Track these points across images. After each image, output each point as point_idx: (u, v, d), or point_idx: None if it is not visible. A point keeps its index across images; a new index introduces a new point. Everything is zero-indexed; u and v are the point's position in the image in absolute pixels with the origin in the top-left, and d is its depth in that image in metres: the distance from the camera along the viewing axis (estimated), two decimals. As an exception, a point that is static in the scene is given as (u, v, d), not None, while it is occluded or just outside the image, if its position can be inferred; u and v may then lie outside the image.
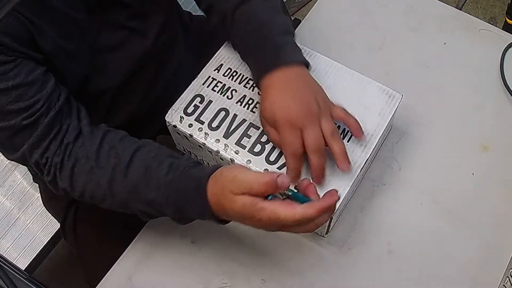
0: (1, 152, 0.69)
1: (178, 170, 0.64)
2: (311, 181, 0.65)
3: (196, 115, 0.73)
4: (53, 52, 0.66)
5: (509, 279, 0.70)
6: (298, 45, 0.73)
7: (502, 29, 0.93)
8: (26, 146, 0.64)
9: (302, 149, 0.65)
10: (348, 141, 0.70)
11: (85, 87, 0.74)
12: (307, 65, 0.71)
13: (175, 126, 0.73)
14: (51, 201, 0.98)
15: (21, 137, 0.64)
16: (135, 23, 0.77)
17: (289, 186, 0.57)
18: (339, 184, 0.67)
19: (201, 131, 0.72)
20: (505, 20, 1.53)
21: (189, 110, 0.73)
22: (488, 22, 0.93)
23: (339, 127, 0.71)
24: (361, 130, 0.69)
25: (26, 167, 1.04)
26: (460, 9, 1.15)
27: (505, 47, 0.88)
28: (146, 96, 0.86)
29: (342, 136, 0.71)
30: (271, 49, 0.70)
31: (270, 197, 0.57)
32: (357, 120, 0.69)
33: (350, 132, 0.70)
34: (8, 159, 0.69)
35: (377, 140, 0.71)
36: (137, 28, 0.78)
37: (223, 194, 0.58)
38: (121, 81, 0.79)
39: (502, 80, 0.85)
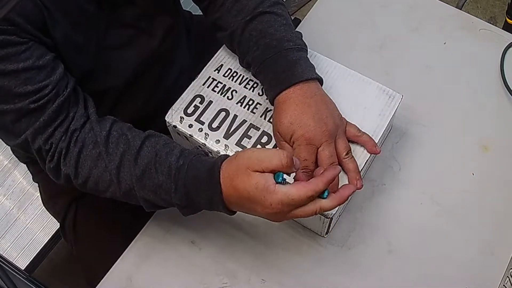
0: (1, 137, 0.69)
1: (190, 156, 0.64)
2: None
3: (196, 116, 0.73)
4: (62, 41, 0.66)
5: (509, 279, 0.70)
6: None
7: (502, 29, 0.93)
8: (30, 131, 0.63)
9: (314, 167, 0.66)
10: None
11: (89, 83, 0.74)
12: (320, 81, 0.71)
13: (175, 127, 0.73)
14: (50, 201, 0.98)
15: (26, 121, 0.63)
16: (142, 22, 0.77)
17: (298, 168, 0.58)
18: (339, 184, 0.67)
19: (201, 131, 0.72)
20: (505, 20, 1.52)
21: (189, 110, 0.73)
22: (488, 22, 0.93)
23: None
24: (376, 145, 0.69)
25: (26, 167, 1.04)
26: (460, 9, 1.15)
27: (505, 47, 0.88)
28: (151, 96, 0.86)
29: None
30: (285, 65, 0.69)
31: (280, 179, 0.57)
32: (370, 137, 0.70)
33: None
34: (8, 144, 0.68)
35: (377, 140, 0.71)
36: (145, 28, 0.78)
37: (237, 173, 0.58)
38: (126, 80, 0.79)
39: (502, 80, 0.85)
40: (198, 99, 0.74)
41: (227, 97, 0.74)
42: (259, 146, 0.70)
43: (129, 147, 0.64)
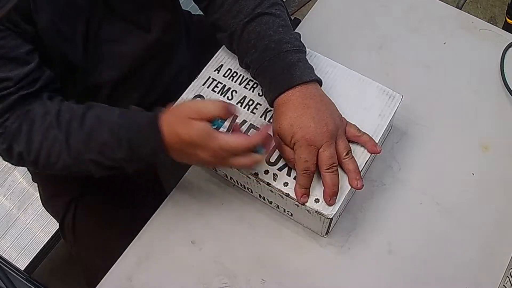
0: None
1: (130, 112, 0.67)
2: (323, 199, 0.67)
3: (196, 115, 0.73)
4: (46, 27, 0.66)
5: (509, 279, 0.70)
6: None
7: (502, 29, 0.93)
8: None
9: (314, 168, 0.66)
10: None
11: (82, 76, 0.74)
12: (320, 82, 0.71)
13: (175, 126, 0.73)
14: (49, 201, 0.98)
15: None
16: (139, 17, 0.77)
17: (234, 114, 0.64)
18: (340, 185, 0.67)
19: (201, 131, 0.72)
20: (505, 20, 1.52)
21: (189, 110, 0.73)
22: (488, 22, 0.93)
23: None
24: (376, 144, 0.70)
25: (26, 168, 1.04)
26: (460, 9, 1.15)
27: (505, 47, 0.88)
28: (147, 93, 0.86)
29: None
30: (284, 67, 0.69)
31: (215, 126, 0.62)
32: (370, 137, 0.70)
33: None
34: None
35: (377, 140, 0.71)
36: (141, 22, 0.78)
37: (178, 121, 0.62)
38: (121, 75, 0.79)
39: (502, 80, 0.85)
40: (198, 99, 0.74)
41: (227, 97, 0.74)
42: (259, 146, 0.70)
43: (74, 115, 0.67)
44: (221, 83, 0.75)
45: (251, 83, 0.75)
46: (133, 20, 0.77)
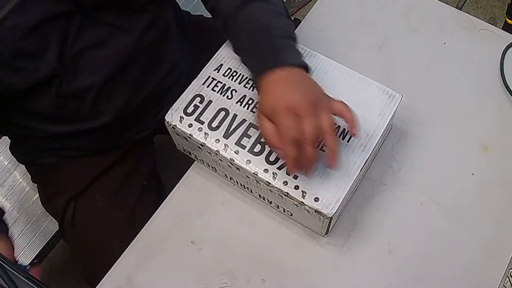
0: None
1: None
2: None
3: (196, 115, 0.73)
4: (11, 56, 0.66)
5: (509, 279, 0.70)
6: (300, 48, 0.72)
7: (502, 29, 0.93)
8: None
9: (301, 136, 0.62)
10: (348, 141, 0.70)
11: (65, 84, 0.74)
12: (308, 69, 0.71)
13: (174, 127, 0.73)
14: (48, 201, 0.99)
15: None
16: (118, 20, 0.77)
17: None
18: (339, 184, 0.67)
19: (201, 131, 0.72)
20: (505, 20, 1.52)
21: (189, 110, 0.73)
22: (488, 22, 0.93)
23: (339, 127, 0.71)
24: (356, 128, 0.67)
25: (25, 169, 1.04)
26: (460, 9, 1.15)
27: (505, 47, 0.88)
28: (134, 94, 0.85)
29: (342, 136, 0.71)
30: (270, 50, 0.70)
31: None
32: (355, 118, 0.67)
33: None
34: None
35: (377, 140, 0.71)
36: (121, 25, 0.77)
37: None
38: (106, 78, 0.79)
39: (502, 80, 0.85)
40: (198, 99, 0.74)
41: (227, 96, 0.74)
42: (258, 145, 0.70)
43: None
44: (221, 82, 0.76)
45: (251, 82, 0.75)
46: (114, 24, 0.77)
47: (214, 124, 0.72)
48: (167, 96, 0.74)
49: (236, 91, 0.75)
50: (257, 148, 0.70)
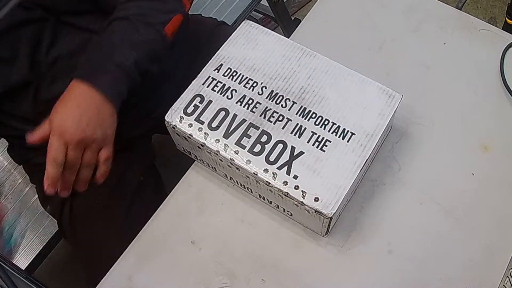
0: None
1: None
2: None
3: (196, 115, 0.73)
4: None
5: (509, 279, 0.70)
6: (300, 48, 0.71)
7: (502, 29, 0.93)
8: None
9: (63, 159, 0.65)
10: (348, 141, 0.70)
11: (43, 89, 0.74)
12: (115, 105, 0.71)
13: (174, 127, 0.73)
14: (46, 201, 0.99)
15: None
16: (94, 24, 0.77)
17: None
18: (339, 184, 0.67)
19: (200, 131, 0.72)
20: (505, 20, 1.52)
21: (189, 110, 0.73)
22: (488, 22, 0.93)
23: (338, 127, 0.71)
24: (101, 176, 0.71)
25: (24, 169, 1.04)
26: (460, 9, 1.14)
27: (505, 47, 0.88)
28: None
29: (342, 136, 0.71)
30: (97, 65, 0.70)
31: None
32: (105, 169, 0.70)
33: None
34: None
35: (377, 140, 0.71)
36: (98, 30, 0.77)
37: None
38: None
39: (502, 80, 0.85)
40: (198, 99, 0.74)
41: (227, 96, 0.74)
42: (258, 145, 0.70)
43: None
44: (221, 82, 0.76)
45: (250, 82, 0.75)
46: (91, 29, 0.76)
47: (214, 124, 0.72)
48: (161, 95, 0.73)
49: (236, 91, 0.75)
50: (257, 148, 0.70)
